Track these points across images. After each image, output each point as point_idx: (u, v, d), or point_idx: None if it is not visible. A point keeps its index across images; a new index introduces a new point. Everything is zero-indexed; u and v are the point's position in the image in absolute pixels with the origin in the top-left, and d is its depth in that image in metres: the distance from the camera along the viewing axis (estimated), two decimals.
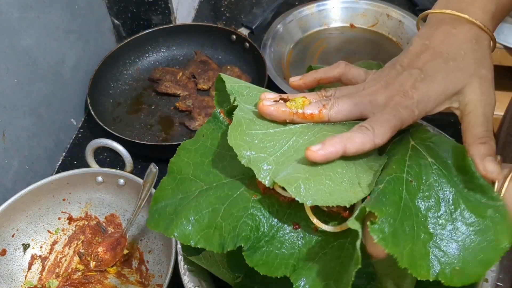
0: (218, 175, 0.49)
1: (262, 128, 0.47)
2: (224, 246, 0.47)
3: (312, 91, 0.52)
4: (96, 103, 0.92)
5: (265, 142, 0.45)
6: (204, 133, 0.52)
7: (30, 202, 0.73)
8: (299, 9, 1.12)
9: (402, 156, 0.45)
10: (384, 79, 0.47)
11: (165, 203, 0.50)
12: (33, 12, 0.80)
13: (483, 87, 0.46)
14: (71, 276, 0.74)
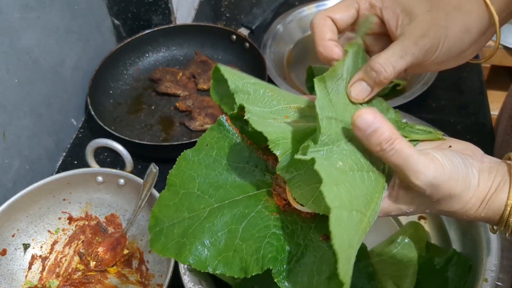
0: (230, 191, 0.45)
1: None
2: (247, 270, 0.44)
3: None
4: (97, 103, 0.92)
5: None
6: (208, 142, 0.46)
7: (30, 202, 0.73)
8: (299, 9, 1.12)
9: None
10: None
11: (169, 222, 0.45)
12: (33, 13, 0.80)
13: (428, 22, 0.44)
14: (71, 276, 0.74)
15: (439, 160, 0.40)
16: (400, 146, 0.39)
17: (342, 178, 0.38)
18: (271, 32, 1.07)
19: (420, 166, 0.39)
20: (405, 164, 0.39)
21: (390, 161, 0.39)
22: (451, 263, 0.64)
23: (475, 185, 0.42)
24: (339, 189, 0.36)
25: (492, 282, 0.59)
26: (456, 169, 0.41)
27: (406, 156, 0.39)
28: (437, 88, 0.96)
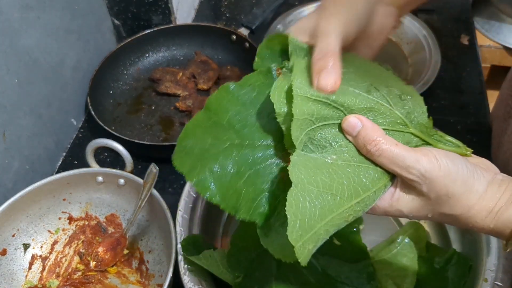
0: (253, 134, 0.46)
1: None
2: (238, 211, 0.45)
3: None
4: (96, 103, 0.92)
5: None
6: (251, 83, 0.47)
7: (30, 202, 0.73)
8: (299, 9, 1.12)
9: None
10: None
11: (193, 142, 0.47)
12: (33, 12, 0.80)
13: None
14: (71, 276, 0.74)
15: (435, 156, 0.41)
16: (385, 146, 0.41)
17: (327, 166, 0.41)
18: (271, 32, 1.06)
19: (410, 161, 0.41)
20: (393, 163, 0.41)
21: (378, 162, 0.42)
22: (451, 263, 0.65)
23: (479, 191, 0.42)
24: (315, 173, 0.40)
25: (492, 282, 0.59)
26: (456, 170, 0.41)
27: (393, 155, 0.41)
28: (437, 88, 0.96)
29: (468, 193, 0.42)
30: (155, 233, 0.74)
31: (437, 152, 0.42)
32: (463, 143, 0.73)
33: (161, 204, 0.69)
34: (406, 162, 0.41)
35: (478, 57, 1.05)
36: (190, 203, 0.69)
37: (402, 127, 0.45)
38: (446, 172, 0.41)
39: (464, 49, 1.07)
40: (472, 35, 1.09)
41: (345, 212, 0.41)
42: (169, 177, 0.86)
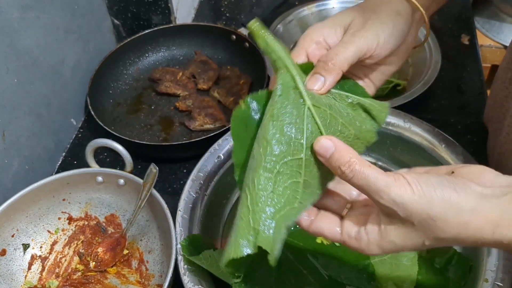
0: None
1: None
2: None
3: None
4: (96, 103, 0.92)
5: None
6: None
7: (30, 202, 0.73)
8: (299, 9, 1.12)
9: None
10: None
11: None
12: (33, 12, 0.80)
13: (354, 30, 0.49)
14: (71, 276, 0.74)
15: (406, 180, 0.40)
16: (359, 167, 0.41)
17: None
18: (271, 32, 1.06)
19: (381, 185, 0.40)
20: (366, 184, 0.41)
21: (352, 183, 0.42)
22: (451, 264, 0.64)
23: (469, 206, 0.40)
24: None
25: (492, 282, 0.59)
26: (431, 191, 0.40)
27: (366, 176, 0.41)
28: (437, 88, 0.96)
29: (454, 212, 0.40)
30: (155, 233, 0.74)
31: (410, 176, 0.41)
32: (463, 143, 0.74)
33: (161, 204, 0.69)
34: (377, 185, 0.40)
35: (479, 57, 1.05)
36: (190, 203, 0.69)
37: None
38: (420, 195, 0.40)
39: (465, 49, 1.06)
40: (473, 35, 1.09)
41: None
42: (169, 177, 0.86)
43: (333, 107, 0.46)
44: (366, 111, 0.48)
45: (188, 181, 0.71)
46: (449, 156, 0.73)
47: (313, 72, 0.47)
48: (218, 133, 0.81)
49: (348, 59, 0.47)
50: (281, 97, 0.44)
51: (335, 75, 0.46)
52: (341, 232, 0.45)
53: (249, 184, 0.43)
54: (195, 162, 0.73)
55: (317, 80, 0.46)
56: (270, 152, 0.43)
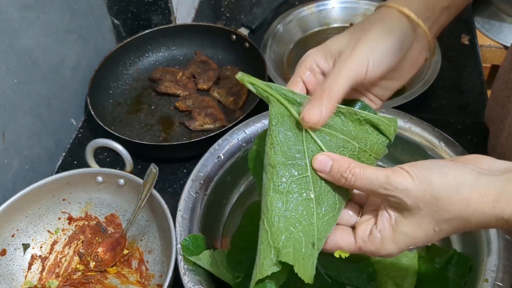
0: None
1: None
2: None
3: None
4: (96, 103, 0.92)
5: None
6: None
7: (30, 202, 0.73)
8: (299, 9, 1.12)
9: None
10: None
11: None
12: (33, 12, 0.80)
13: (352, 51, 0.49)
14: (71, 276, 0.74)
15: (403, 169, 0.43)
16: (358, 170, 0.44)
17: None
18: (271, 32, 1.06)
19: (382, 179, 0.43)
20: (369, 182, 0.43)
21: (356, 186, 0.44)
22: (451, 263, 0.64)
23: (468, 181, 0.42)
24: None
25: (492, 282, 0.59)
26: (429, 172, 0.42)
27: (367, 176, 0.43)
28: (437, 88, 0.96)
29: (454, 188, 0.42)
30: (155, 233, 0.74)
31: (406, 166, 0.43)
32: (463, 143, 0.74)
33: (161, 204, 0.69)
34: (379, 180, 0.43)
35: (479, 56, 1.05)
36: (190, 203, 0.69)
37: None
38: (420, 179, 0.42)
39: (465, 48, 1.06)
40: (473, 35, 1.09)
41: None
42: (169, 177, 0.86)
43: (332, 126, 0.48)
44: (374, 126, 0.49)
45: (188, 181, 0.71)
46: (449, 156, 0.73)
47: (309, 106, 0.47)
48: (218, 133, 0.81)
49: (341, 89, 0.47)
50: (277, 126, 0.47)
51: (331, 106, 0.47)
52: (355, 239, 0.46)
53: (264, 208, 0.46)
54: (195, 162, 0.73)
55: (313, 113, 0.46)
56: (277, 175, 0.46)
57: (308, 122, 0.46)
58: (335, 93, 0.47)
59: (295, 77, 0.52)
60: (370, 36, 0.49)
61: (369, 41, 0.49)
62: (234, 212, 0.78)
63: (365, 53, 0.48)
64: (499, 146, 0.74)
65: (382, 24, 0.50)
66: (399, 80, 0.55)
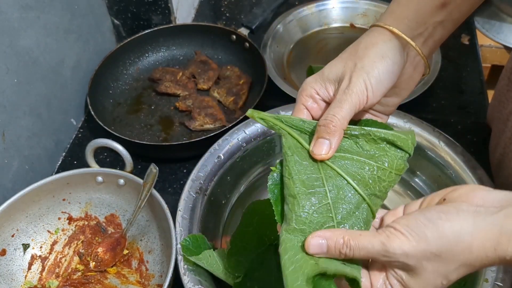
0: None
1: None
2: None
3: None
4: (96, 103, 0.92)
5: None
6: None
7: (30, 202, 0.73)
8: (299, 9, 1.12)
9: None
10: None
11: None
12: (33, 12, 0.80)
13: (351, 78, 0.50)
14: (71, 276, 0.74)
15: (397, 231, 0.42)
16: (354, 242, 0.43)
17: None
18: (271, 32, 1.06)
19: (378, 247, 0.42)
20: (367, 252, 0.43)
21: (356, 258, 0.44)
22: None
23: (466, 228, 0.41)
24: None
25: (492, 282, 0.59)
26: (424, 230, 0.41)
27: (363, 247, 0.43)
28: (437, 88, 0.96)
29: (454, 240, 0.41)
30: (155, 233, 0.74)
31: (399, 225, 0.42)
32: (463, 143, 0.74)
33: (161, 204, 0.69)
34: (376, 249, 0.42)
35: (479, 56, 1.05)
36: (190, 203, 0.69)
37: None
38: (416, 238, 0.41)
39: (465, 48, 1.06)
40: (473, 35, 1.09)
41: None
42: (169, 177, 0.86)
43: (347, 149, 0.49)
44: (390, 143, 0.49)
45: (188, 181, 0.71)
46: (449, 156, 0.73)
47: (316, 137, 0.48)
48: (218, 133, 0.81)
49: (346, 117, 0.49)
50: (292, 156, 0.48)
51: (338, 136, 0.48)
52: (371, 287, 0.46)
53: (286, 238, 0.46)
54: (195, 162, 0.73)
55: (322, 144, 0.48)
56: (298, 205, 0.46)
57: (318, 156, 0.47)
58: (339, 123, 0.48)
59: (298, 105, 0.53)
60: (366, 62, 0.50)
61: (365, 68, 0.50)
62: (234, 212, 0.78)
63: (363, 80, 0.50)
64: (502, 146, 0.74)
65: (374, 49, 0.51)
66: (399, 96, 0.56)
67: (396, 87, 0.54)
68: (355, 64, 0.51)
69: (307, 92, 0.53)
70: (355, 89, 0.49)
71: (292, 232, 0.46)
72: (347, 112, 0.49)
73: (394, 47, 0.52)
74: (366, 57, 0.51)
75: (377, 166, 0.48)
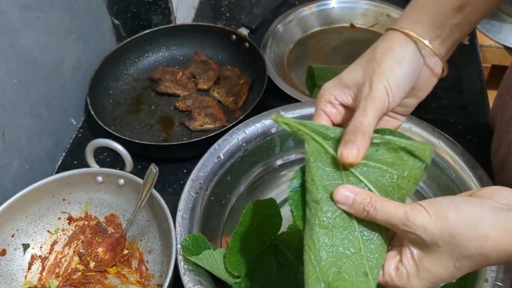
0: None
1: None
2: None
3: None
4: (96, 103, 0.92)
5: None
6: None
7: (30, 202, 0.73)
8: (299, 9, 1.12)
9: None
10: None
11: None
12: (33, 12, 0.80)
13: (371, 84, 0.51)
14: (71, 276, 0.74)
15: (421, 206, 0.44)
16: (380, 204, 0.45)
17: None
18: (271, 32, 1.06)
19: (401, 214, 0.44)
20: (389, 217, 0.44)
21: (377, 219, 0.45)
22: None
23: (486, 218, 0.42)
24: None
25: (492, 282, 0.59)
26: (445, 209, 0.43)
27: (387, 210, 0.44)
28: (437, 88, 0.95)
29: (472, 225, 0.42)
30: (155, 233, 0.74)
31: (424, 202, 0.44)
32: (463, 143, 0.74)
33: (161, 204, 0.69)
34: (398, 216, 0.44)
35: (479, 56, 1.05)
36: (190, 203, 0.69)
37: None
38: (437, 215, 0.43)
39: (465, 48, 1.06)
40: (473, 35, 1.09)
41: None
42: (169, 177, 0.86)
43: (368, 157, 0.49)
44: (409, 152, 0.50)
45: (188, 181, 0.71)
46: (449, 156, 0.73)
47: (344, 142, 0.48)
48: (218, 133, 0.81)
49: (372, 124, 0.50)
50: (315, 162, 0.49)
51: (366, 142, 0.49)
52: (383, 273, 0.47)
53: (309, 243, 0.47)
54: (195, 162, 0.73)
55: (352, 148, 0.48)
56: (321, 210, 0.47)
57: (347, 160, 0.47)
58: (367, 129, 0.49)
59: (318, 110, 0.54)
60: (383, 68, 0.51)
61: (383, 74, 0.51)
62: (234, 212, 0.78)
63: (383, 86, 0.51)
64: (505, 146, 0.74)
65: (391, 54, 0.52)
66: (416, 98, 0.57)
67: (414, 89, 0.55)
68: (374, 70, 0.51)
69: (325, 97, 0.53)
70: (377, 95, 0.50)
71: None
72: (373, 118, 0.50)
73: (410, 51, 0.52)
74: (384, 63, 0.51)
75: (397, 174, 0.49)
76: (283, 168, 0.83)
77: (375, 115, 0.50)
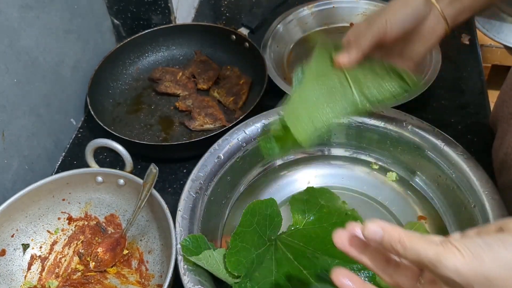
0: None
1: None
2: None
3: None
4: (96, 103, 0.92)
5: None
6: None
7: (29, 202, 0.73)
8: (299, 9, 1.12)
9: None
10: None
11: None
12: (33, 12, 0.80)
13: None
14: (70, 276, 0.74)
15: (454, 246, 0.41)
16: (409, 243, 0.43)
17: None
18: (271, 32, 1.06)
19: (432, 256, 0.41)
20: (418, 257, 0.42)
21: (405, 257, 0.43)
22: None
23: None
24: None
25: None
26: (480, 252, 0.40)
27: (416, 250, 0.42)
28: (437, 88, 0.96)
29: (508, 269, 0.40)
30: (155, 233, 0.74)
31: (457, 242, 0.41)
32: (463, 143, 0.73)
33: (161, 204, 0.69)
34: (428, 257, 0.41)
35: (479, 56, 1.05)
36: (190, 203, 0.69)
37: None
38: (471, 258, 0.40)
39: (465, 48, 1.06)
40: (473, 35, 1.09)
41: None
42: (169, 177, 0.86)
43: (361, 65, 0.64)
44: (397, 74, 0.64)
45: (188, 181, 0.71)
46: (449, 156, 0.73)
47: (343, 52, 0.65)
48: (218, 133, 0.81)
49: (367, 42, 0.63)
50: (317, 57, 0.67)
51: (358, 54, 0.63)
52: None
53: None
54: (195, 162, 0.73)
55: (344, 56, 0.64)
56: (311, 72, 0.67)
57: (341, 62, 0.64)
58: (362, 45, 0.63)
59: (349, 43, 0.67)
60: (389, 7, 0.64)
61: (387, 10, 0.63)
62: (234, 212, 0.78)
63: (385, 15, 0.63)
64: (506, 146, 0.74)
65: (399, 0, 0.64)
66: (421, 45, 0.66)
67: (418, 33, 0.64)
68: (383, 9, 0.64)
69: (353, 31, 0.66)
70: (377, 22, 0.63)
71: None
72: (369, 37, 0.63)
73: (417, 2, 0.62)
74: (391, 5, 0.64)
75: (378, 83, 0.63)
76: (283, 168, 0.83)
77: (372, 37, 0.63)
